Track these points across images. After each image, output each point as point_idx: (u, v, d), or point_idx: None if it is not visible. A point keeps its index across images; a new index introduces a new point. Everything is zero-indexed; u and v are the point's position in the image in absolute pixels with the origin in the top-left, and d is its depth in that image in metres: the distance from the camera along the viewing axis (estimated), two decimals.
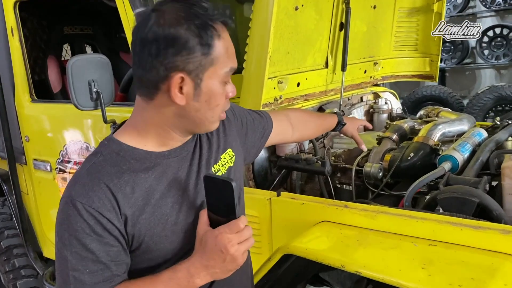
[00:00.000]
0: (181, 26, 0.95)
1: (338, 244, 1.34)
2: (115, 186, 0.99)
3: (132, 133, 1.06)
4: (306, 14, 1.91)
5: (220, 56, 0.99)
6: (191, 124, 1.05)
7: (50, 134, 2.34)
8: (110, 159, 1.02)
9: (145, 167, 1.04)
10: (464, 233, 1.24)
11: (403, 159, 1.76)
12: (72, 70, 1.68)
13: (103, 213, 0.97)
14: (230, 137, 1.25)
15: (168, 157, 1.08)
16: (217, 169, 1.17)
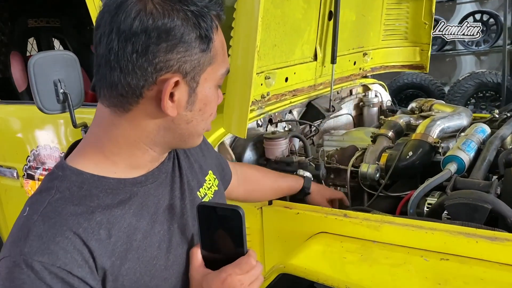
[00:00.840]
0: (177, 14, 0.74)
1: (340, 260, 1.21)
2: (85, 231, 0.75)
3: (96, 157, 0.81)
4: (294, 2, 1.76)
5: (218, 53, 0.80)
6: (176, 139, 0.84)
7: (16, 138, 2.14)
8: (71, 196, 0.77)
9: (119, 200, 0.81)
10: (480, 245, 1.13)
11: (401, 158, 1.64)
12: (35, 69, 1.48)
13: (73, 271, 0.72)
14: (209, 158, 1.08)
15: (146, 183, 0.85)
16: (203, 194, 0.97)
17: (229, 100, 1.52)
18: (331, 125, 2.28)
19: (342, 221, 1.32)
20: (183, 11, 0.74)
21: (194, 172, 0.98)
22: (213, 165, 1.11)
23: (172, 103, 0.77)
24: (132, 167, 0.84)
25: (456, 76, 6.47)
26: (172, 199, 0.89)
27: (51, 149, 1.97)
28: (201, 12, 0.76)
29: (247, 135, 1.50)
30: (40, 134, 2.05)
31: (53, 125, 1.99)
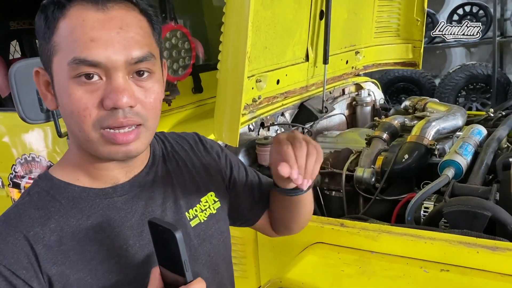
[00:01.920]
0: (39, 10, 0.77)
1: (338, 273, 1.17)
2: (35, 235, 0.75)
3: (65, 164, 0.84)
4: (284, 2, 1.71)
5: (62, 41, 0.73)
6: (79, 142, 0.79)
7: (0, 146, 2.07)
8: (37, 200, 0.79)
9: (79, 209, 0.80)
10: (481, 255, 1.10)
11: (397, 161, 1.61)
12: (16, 78, 1.43)
13: (17, 272, 0.72)
14: (215, 178, 0.99)
15: (112, 195, 0.82)
16: (192, 216, 0.92)
17: (219, 105, 1.48)
18: (324, 126, 2.24)
19: (338, 231, 1.29)
20: (41, 6, 0.76)
21: (186, 192, 0.93)
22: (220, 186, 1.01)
23: (51, 96, 0.79)
24: (91, 177, 0.83)
25: (447, 68, 6.48)
26: (144, 215, 0.85)
27: (37, 158, 1.91)
28: (45, 3, 0.75)
29: (239, 140, 1.45)
30: (25, 142, 1.99)
31: (39, 133, 1.93)
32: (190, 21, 2.36)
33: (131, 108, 0.75)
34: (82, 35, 0.72)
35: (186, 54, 1.64)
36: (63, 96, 0.75)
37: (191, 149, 0.99)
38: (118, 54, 0.73)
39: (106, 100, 0.73)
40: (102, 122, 0.74)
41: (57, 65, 0.75)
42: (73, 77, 0.73)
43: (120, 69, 0.74)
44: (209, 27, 2.44)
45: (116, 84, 0.73)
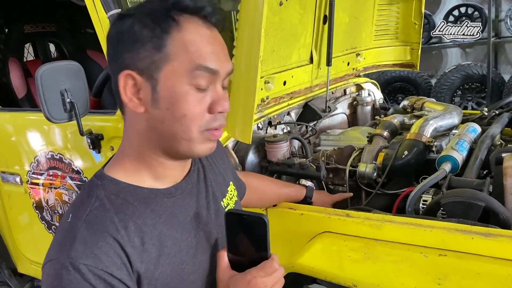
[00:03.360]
0: (131, 18, 0.83)
1: (345, 259, 1.28)
2: (123, 238, 0.82)
3: (126, 166, 0.89)
4: (291, 8, 1.81)
5: (180, 51, 0.81)
6: (165, 141, 0.86)
7: (18, 144, 2.17)
8: (110, 204, 0.84)
9: (152, 209, 0.87)
10: (475, 241, 1.20)
11: (397, 157, 1.71)
12: (42, 80, 1.52)
13: (114, 273, 0.79)
14: (228, 170, 1.14)
15: (175, 194, 0.92)
16: (226, 204, 1.04)
17: (233, 105, 1.57)
18: (327, 124, 2.35)
19: (345, 221, 1.39)
20: (137, 14, 0.83)
21: (218, 183, 1.04)
22: (232, 177, 1.16)
23: (137, 100, 0.84)
24: (156, 177, 0.90)
25: (443, 68, 6.58)
26: (197, 208, 0.96)
27: (56, 155, 2.01)
28: (156, 12, 0.82)
29: None
30: (42, 141, 2.08)
31: (57, 131, 2.02)
32: None
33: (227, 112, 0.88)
34: (203, 47, 0.82)
35: None
36: (174, 101, 0.82)
37: None
38: (226, 66, 0.86)
39: (216, 105, 0.84)
40: (208, 125, 0.85)
41: (171, 72, 0.82)
42: (193, 84, 0.82)
43: (223, 79, 0.87)
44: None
45: (222, 92, 0.86)
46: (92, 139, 1.78)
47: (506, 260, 1.15)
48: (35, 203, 2.18)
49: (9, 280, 2.44)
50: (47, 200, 2.11)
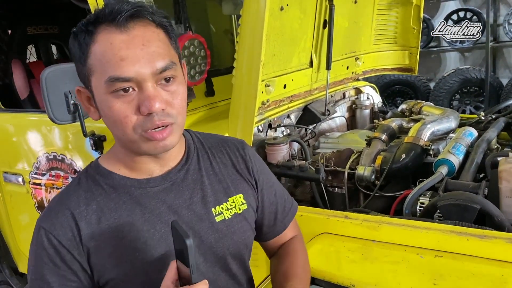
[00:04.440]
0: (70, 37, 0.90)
1: (343, 259, 1.31)
2: (80, 213, 0.92)
3: (111, 155, 1.00)
4: (291, 13, 1.84)
5: (96, 63, 0.86)
6: (122, 143, 0.93)
7: (21, 145, 2.19)
8: (85, 184, 0.96)
9: (118, 194, 0.95)
10: (470, 243, 1.23)
11: (395, 160, 1.74)
12: (46, 82, 1.55)
13: (63, 242, 0.90)
14: (245, 183, 1.09)
15: (146, 186, 0.96)
16: (218, 212, 1.02)
17: (234, 107, 1.61)
18: (326, 127, 2.37)
19: (343, 222, 1.42)
20: (73, 34, 0.89)
21: (215, 190, 1.03)
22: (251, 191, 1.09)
23: (94, 109, 0.93)
24: (130, 169, 0.97)
25: (441, 72, 6.62)
26: (172, 206, 0.97)
27: (58, 156, 2.03)
28: (80, 29, 0.88)
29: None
30: (44, 142, 2.11)
31: (59, 132, 2.05)
32: (197, 29, 2.49)
33: (163, 110, 0.87)
34: (112, 56, 0.84)
35: (202, 61, 1.77)
36: (104, 109, 0.89)
37: (231, 154, 1.10)
38: (145, 67, 0.85)
39: (142, 107, 0.86)
40: (141, 126, 0.87)
41: (95, 84, 0.88)
42: (111, 92, 0.86)
43: (149, 80, 0.86)
44: (214, 35, 2.57)
45: (148, 93, 0.86)
46: (94, 140, 1.80)
47: (500, 261, 1.18)
48: (37, 203, 2.20)
49: (10, 279, 2.46)
50: (49, 200, 2.14)
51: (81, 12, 2.40)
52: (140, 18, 0.87)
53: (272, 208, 1.15)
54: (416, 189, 1.49)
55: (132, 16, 0.86)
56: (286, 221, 1.18)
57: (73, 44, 0.89)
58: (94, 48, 0.86)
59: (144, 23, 0.87)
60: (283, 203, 1.18)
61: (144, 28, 0.87)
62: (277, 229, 1.17)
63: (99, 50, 0.85)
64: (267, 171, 1.19)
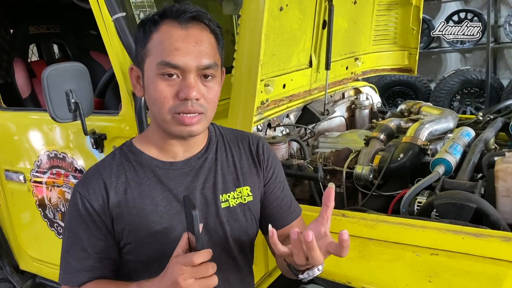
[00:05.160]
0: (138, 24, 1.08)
1: (340, 257, 1.32)
2: (111, 183, 1.07)
3: (143, 137, 1.15)
4: (291, 14, 1.86)
5: (154, 48, 1.01)
6: (156, 120, 1.06)
7: (22, 143, 2.21)
8: (118, 159, 1.11)
9: (144, 171, 1.09)
10: (466, 241, 1.25)
11: (393, 159, 1.75)
12: (48, 81, 1.57)
13: (94, 206, 1.05)
14: (254, 176, 1.19)
15: (169, 167, 1.10)
16: (224, 199, 1.14)
17: (234, 107, 1.62)
18: (325, 127, 2.39)
19: (340, 220, 1.43)
20: (140, 22, 1.07)
21: (225, 180, 1.15)
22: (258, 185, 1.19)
23: (140, 87, 1.08)
24: (160, 150, 1.11)
25: (442, 73, 6.64)
26: (189, 188, 1.11)
27: (59, 154, 2.05)
28: (145, 20, 1.05)
29: None
30: (46, 140, 2.13)
31: (60, 130, 2.07)
32: None
33: (197, 100, 1.01)
34: (169, 45, 0.99)
35: None
36: (150, 87, 1.03)
37: (246, 148, 1.22)
38: (192, 61, 1.00)
39: (180, 93, 1.00)
40: (175, 108, 1.01)
41: (148, 65, 1.03)
42: (159, 74, 1.00)
43: (192, 72, 1.00)
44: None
45: (189, 82, 1.00)
46: (95, 139, 1.82)
47: (495, 259, 1.20)
48: (38, 201, 2.22)
49: (11, 276, 2.47)
50: (49, 198, 2.16)
51: (82, 12, 2.43)
52: (199, 21, 1.02)
53: (278, 202, 1.24)
54: (413, 188, 1.51)
55: (193, 18, 1.01)
56: (288, 219, 1.24)
57: (139, 30, 1.06)
58: (155, 35, 1.02)
59: (201, 26, 1.03)
60: (289, 201, 1.26)
61: (200, 30, 1.02)
62: (279, 223, 1.23)
63: (159, 37, 1.01)
64: (280, 168, 1.27)
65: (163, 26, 1.01)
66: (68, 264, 1.08)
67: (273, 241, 0.93)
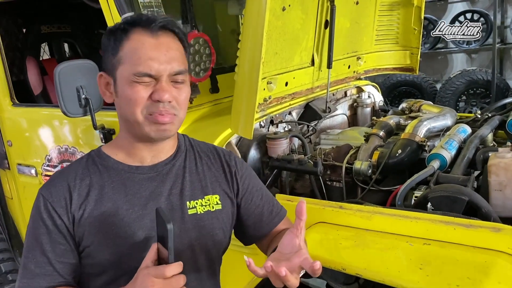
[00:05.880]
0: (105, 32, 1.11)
1: (336, 246, 1.38)
2: (74, 186, 1.09)
3: (112, 144, 1.18)
4: (293, 14, 1.92)
5: (126, 56, 1.05)
6: (127, 124, 1.11)
7: (34, 138, 2.29)
8: (84, 163, 1.14)
9: (109, 175, 1.12)
10: (457, 232, 1.30)
11: (391, 155, 1.80)
12: (60, 77, 1.65)
13: (56, 209, 1.07)
14: (225, 187, 1.23)
15: (135, 172, 1.13)
16: (192, 206, 1.15)
17: (236, 103, 1.69)
18: (328, 125, 2.45)
19: (338, 212, 1.49)
20: (108, 30, 1.10)
21: (193, 186, 1.18)
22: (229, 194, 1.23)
23: (109, 93, 1.12)
24: (127, 154, 1.14)
25: (448, 73, 6.65)
26: (153, 193, 1.13)
27: (70, 149, 2.13)
28: (114, 28, 1.09)
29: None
30: (56, 135, 2.21)
31: (69, 127, 2.15)
32: (204, 28, 2.58)
33: (169, 103, 1.07)
34: (143, 54, 1.04)
35: (207, 58, 1.86)
36: (126, 90, 1.06)
37: (215, 159, 1.26)
38: (165, 68, 1.05)
39: (154, 94, 1.05)
40: (149, 108, 1.06)
41: (122, 71, 1.07)
42: (133, 81, 1.05)
43: (165, 77, 1.06)
44: (220, 34, 2.65)
45: (162, 86, 1.06)
46: (104, 134, 1.90)
47: (484, 249, 1.25)
48: None
49: None
50: None
51: (92, 13, 2.50)
52: (168, 29, 1.08)
53: (258, 210, 1.27)
54: (409, 181, 1.56)
55: (163, 27, 1.07)
56: (272, 224, 1.29)
57: (108, 38, 1.09)
58: (126, 44, 1.06)
59: (170, 35, 1.09)
60: (271, 207, 1.30)
61: (169, 38, 1.08)
62: (263, 231, 1.29)
63: (132, 46, 1.05)
64: (255, 177, 1.32)
65: (134, 35, 1.05)
66: (27, 269, 1.06)
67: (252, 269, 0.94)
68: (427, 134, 1.92)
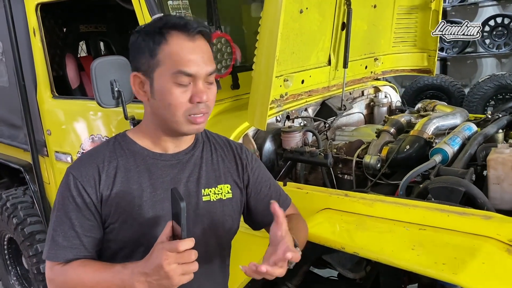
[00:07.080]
0: (138, 34, 1.17)
1: (339, 228, 1.51)
2: (103, 167, 1.17)
3: (137, 130, 1.27)
4: (310, 16, 2.04)
5: (166, 58, 1.12)
6: (161, 122, 1.19)
7: (71, 128, 2.50)
8: (112, 146, 1.22)
9: (134, 159, 1.21)
10: (451, 218, 1.40)
11: (400, 151, 1.90)
12: (96, 71, 1.83)
13: (85, 187, 1.15)
14: (236, 177, 1.33)
15: (158, 158, 1.23)
16: (206, 193, 1.26)
17: (253, 99, 1.84)
18: (344, 122, 2.56)
19: (343, 199, 1.62)
20: (142, 32, 1.16)
21: (208, 175, 1.28)
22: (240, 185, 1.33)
23: (143, 92, 1.18)
24: (152, 143, 1.24)
25: (477, 78, 6.58)
26: (174, 179, 1.23)
27: (102, 138, 2.32)
28: (151, 32, 1.14)
29: (267, 128, 1.82)
30: (91, 126, 2.41)
31: (102, 118, 2.34)
32: (232, 30, 2.73)
33: (205, 102, 1.17)
34: (183, 56, 1.13)
35: (228, 56, 2.01)
36: (164, 94, 1.14)
37: (228, 151, 1.36)
38: (203, 69, 1.15)
39: (195, 97, 1.15)
40: (189, 111, 1.15)
41: (160, 73, 1.14)
42: (175, 82, 1.13)
43: (202, 78, 1.16)
44: (247, 35, 2.81)
45: (200, 88, 1.15)
46: (134, 124, 2.07)
47: (474, 234, 1.35)
48: None
49: None
50: None
51: (126, 14, 2.70)
52: (202, 35, 1.17)
53: (267, 199, 1.36)
54: (411, 173, 1.67)
55: (199, 32, 1.15)
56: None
57: (144, 39, 1.15)
58: (166, 47, 1.13)
59: (204, 39, 1.18)
60: (277, 196, 1.40)
61: (203, 42, 1.17)
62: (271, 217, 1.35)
63: (171, 49, 1.13)
64: (264, 169, 1.43)
65: (172, 39, 1.13)
66: (55, 242, 1.15)
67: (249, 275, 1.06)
68: (436, 131, 2.01)
